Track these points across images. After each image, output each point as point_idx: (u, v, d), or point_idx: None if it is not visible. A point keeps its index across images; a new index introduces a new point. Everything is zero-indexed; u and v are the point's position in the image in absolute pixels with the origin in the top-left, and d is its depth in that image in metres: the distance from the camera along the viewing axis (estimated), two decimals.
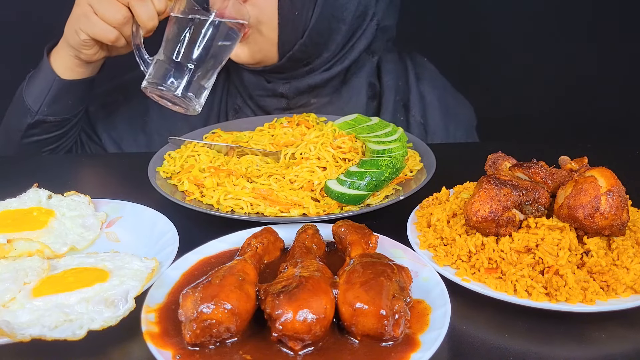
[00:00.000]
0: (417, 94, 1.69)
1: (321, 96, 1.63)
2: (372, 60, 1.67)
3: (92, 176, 1.38)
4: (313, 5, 1.46)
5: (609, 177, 0.96)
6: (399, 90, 1.69)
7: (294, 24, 1.47)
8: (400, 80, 1.70)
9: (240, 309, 0.80)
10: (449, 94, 1.76)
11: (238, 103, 1.67)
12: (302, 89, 1.60)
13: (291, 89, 1.60)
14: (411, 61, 1.74)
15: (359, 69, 1.64)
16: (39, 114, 1.48)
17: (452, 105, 1.74)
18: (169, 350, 0.79)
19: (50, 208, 1.14)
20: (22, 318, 0.83)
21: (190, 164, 1.28)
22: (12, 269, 0.93)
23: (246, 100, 1.67)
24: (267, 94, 1.62)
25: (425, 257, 0.99)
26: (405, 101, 1.69)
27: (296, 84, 1.59)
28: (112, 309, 0.85)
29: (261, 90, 1.62)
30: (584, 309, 0.87)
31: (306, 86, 1.59)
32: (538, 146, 1.47)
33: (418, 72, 1.72)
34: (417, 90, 1.69)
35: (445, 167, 1.27)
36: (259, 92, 1.62)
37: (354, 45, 1.57)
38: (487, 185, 1.00)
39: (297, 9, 1.45)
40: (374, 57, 1.67)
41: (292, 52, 1.51)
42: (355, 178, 1.14)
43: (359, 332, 0.80)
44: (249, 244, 0.98)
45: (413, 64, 1.73)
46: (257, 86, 1.62)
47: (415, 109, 1.68)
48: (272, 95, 1.62)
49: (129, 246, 1.07)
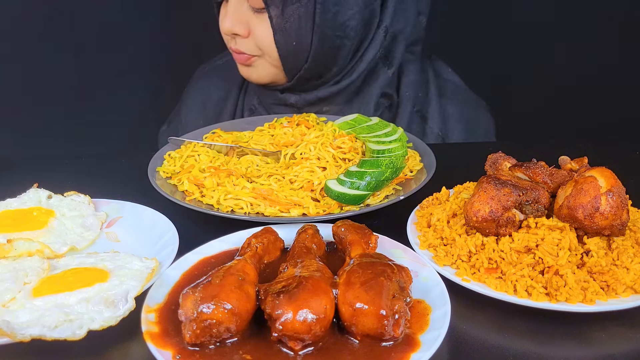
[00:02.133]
0: (437, 106, 1.70)
1: (333, 104, 1.66)
2: (387, 72, 1.68)
3: (92, 176, 1.38)
4: (311, 31, 1.48)
5: (609, 177, 0.96)
6: (418, 101, 1.70)
7: (295, 53, 1.51)
8: (420, 91, 1.70)
9: (240, 309, 0.80)
10: (471, 107, 1.77)
11: (254, 104, 1.72)
12: (310, 101, 1.64)
13: (300, 100, 1.64)
14: (434, 72, 1.74)
15: (374, 81, 1.66)
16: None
17: (472, 120, 1.75)
18: (169, 350, 0.79)
19: (50, 208, 1.14)
20: (22, 318, 0.83)
21: (190, 164, 1.28)
22: (12, 269, 0.93)
23: (262, 102, 1.71)
24: (278, 102, 1.67)
25: (425, 257, 0.99)
26: (423, 112, 1.70)
27: (305, 96, 1.64)
28: (112, 309, 0.85)
29: (273, 99, 1.67)
30: (584, 309, 0.87)
31: (315, 98, 1.63)
32: (538, 146, 1.47)
33: (440, 85, 1.73)
34: (437, 102, 1.70)
35: (445, 167, 1.27)
36: (271, 101, 1.67)
37: (362, 56, 1.59)
38: (487, 185, 1.00)
39: (293, 40, 1.49)
40: (390, 68, 1.67)
41: (300, 75, 1.55)
42: (355, 178, 1.14)
43: (359, 332, 0.80)
44: (249, 244, 0.98)
45: (435, 76, 1.74)
46: (269, 95, 1.67)
47: (433, 120, 1.70)
48: (283, 105, 1.66)
49: (129, 246, 1.07)
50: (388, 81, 1.68)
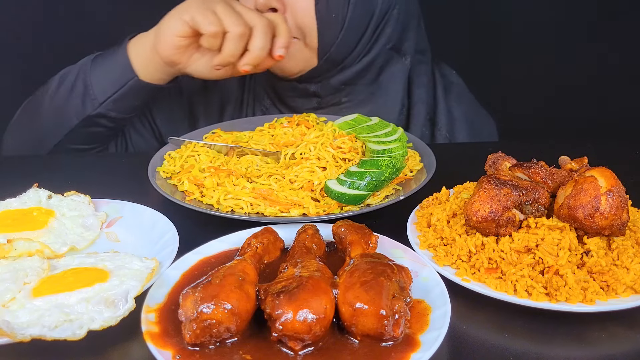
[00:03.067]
0: (444, 109, 1.69)
1: (353, 94, 1.62)
2: (404, 63, 1.66)
3: (92, 176, 1.38)
4: (347, 4, 1.46)
5: (609, 177, 0.96)
6: (429, 103, 1.68)
7: (331, 26, 1.47)
8: (429, 94, 1.70)
9: (240, 309, 0.80)
10: (475, 110, 1.76)
11: (266, 104, 1.67)
12: (335, 86, 1.59)
13: (323, 87, 1.59)
14: (440, 74, 1.73)
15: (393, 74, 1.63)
16: (102, 107, 1.42)
17: (477, 122, 1.74)
18: (169, 350, 0.79)
19: (50, 208, 1.14)
20: (22, 318, 0.83)
21: (190, 164, 1.28)
22: (12, 269, 0.93)
23: (275, 102, 1.66)
24: (298, 94, 1.61)
25: (425, 257, 0.99)
26: (432, 115, 1.69)
27: (328, 82, 1.58)
28: (112, 309, 0.85)
29: (292, 91, 1.61)
30: (584, 309, 0.87)
31: (338, 82, 1.58)
32: (538, 146, 1.47)
33: (446, 87, 1.72)
34: (444, 105, 1.69)
35: (445, 167, 1.27)
36: (290, 94, 1.61)
37: (379, 36, 1.56)
38: (487, 185, 1.00)
39: (333, 12, 1.44)
40: (406, 59, 1.66)
41: (329, 54, 1.50)
42: (355, 178, 1.14)
43: (359, 332, 0.80)
44: (249, 244, 0.98)
45: (442, 78, 1.73)
46: (288, 87, 1.61)
47: (441, 123, 1.69)
48: (304, 96, 1.61)
49: (129, 246, 1.07)
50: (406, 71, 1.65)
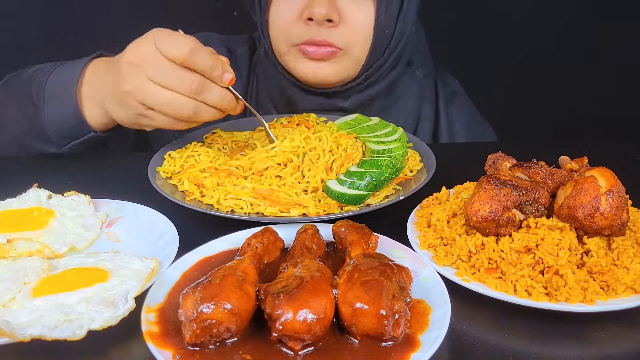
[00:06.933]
0: (446, 121, 1.68)
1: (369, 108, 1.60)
2: (417, 76, 1.65)
3: (92, 176, 1.37)
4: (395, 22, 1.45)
5: (609, 177, 0.96)
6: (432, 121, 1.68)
7: (383, 43, 1.46)
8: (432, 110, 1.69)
9: (240, 309, 0.80)
10: (476, 122, 1.75)
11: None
12: (363, 101, 1.57)
13: (353, 102, 1.56)
14: (442, 84, 1.73)
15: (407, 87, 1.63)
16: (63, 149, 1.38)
17: (478, 134, 1.73)
18: (169, 350, 0.79)
19: (50, 208, 1.14)
20: (22, 318, 0.83)
21: (190, 164, 1.28)
22: (12, 269, 0.93)
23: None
24: (323, 108, 1.57)
25: (425, 257, 0.99)
26: (434, 131, 1.69)
27: (357, 97, 1.56)
28: (112, 309, 0.85)
29: (318, 106, 1.57)
30: (584, 309, 0.87)
31: (367, 97, 1.56)
32: (538, 146, 1.47)
33: (447, 98, 1.71)
34: (445, 116, 1.68)
35: (445, 167, 1.27)
36: (311, 108, 1.57)
37: (402, 51, 1.55)
38: (487, 185, 1.00)
39: (387, 28, 1.43)
40: (418, 71, 1.65)
41: (370, 71, 1.50)
42: (355, 178, 1.14)
43: (359, 332, 0.80)
44: (249, 244, 0.98)
45: (444, 88, 1.72)
46: (311, 102, 1.57)
47: (443, 135, 1.68)
48: (330, 111, 1.57)
49: (129, 246, 1.07)
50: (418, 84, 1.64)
